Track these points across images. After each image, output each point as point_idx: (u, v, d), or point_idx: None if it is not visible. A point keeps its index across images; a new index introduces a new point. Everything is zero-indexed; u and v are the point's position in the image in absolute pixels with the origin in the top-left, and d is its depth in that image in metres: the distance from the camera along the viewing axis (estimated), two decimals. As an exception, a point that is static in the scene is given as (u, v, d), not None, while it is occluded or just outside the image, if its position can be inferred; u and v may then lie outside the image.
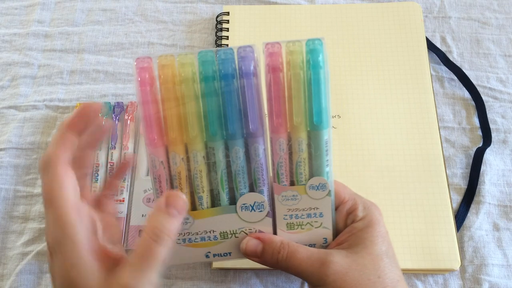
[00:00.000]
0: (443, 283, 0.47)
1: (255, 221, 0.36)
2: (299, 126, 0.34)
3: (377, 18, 0.59)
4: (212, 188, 0.36)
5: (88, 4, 0.62)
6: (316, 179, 0.35)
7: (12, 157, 0.53)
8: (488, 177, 0.52)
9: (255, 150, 0.34)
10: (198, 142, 0.34)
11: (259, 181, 0.35)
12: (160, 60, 0.33)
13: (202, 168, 0.35)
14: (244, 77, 0.33)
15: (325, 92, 0.34)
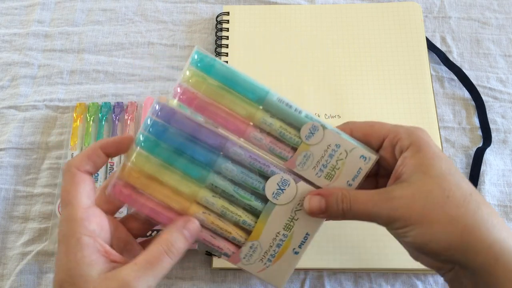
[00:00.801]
0: (443, 283, 0.47)
1: (293, 196, 0.37)
2: (251, 113, 0.36)
3: (377, 18, 0.59)
4: (243, 206, 0.37)
5: (88, 4, 0.62)
6: (303, 128, 0.36)
7: (12, 157, 0.53)
8: (488, 177, 0.52)
9: (235, 153, 0.36)
10: (199, 193, 0.36)
11: (263, 167, 0.36)
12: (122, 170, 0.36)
13: (222, 203, 0.36)
14: (170, 121, 0.35)
15: (236, 73, 0.36)
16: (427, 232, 0.32)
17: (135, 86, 0.57)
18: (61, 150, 0.53)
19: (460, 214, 0.32)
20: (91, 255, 0.32)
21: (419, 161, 0.34)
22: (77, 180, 0.34)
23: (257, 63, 0.56)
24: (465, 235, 0.31)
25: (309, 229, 0.37)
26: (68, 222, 0.33)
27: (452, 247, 0.31)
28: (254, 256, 0.37)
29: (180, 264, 0.48)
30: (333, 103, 0.54)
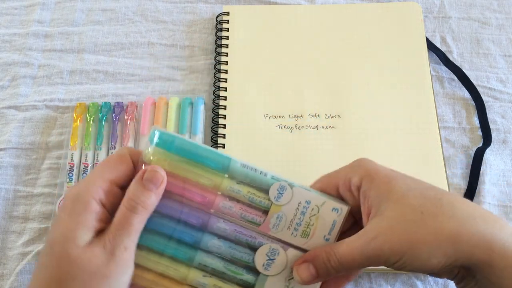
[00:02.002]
0: (443, 283, 0.47)
1: (284, 262, 0.36)
2: (216, 183, 0.35)
3: (377, 18, 0.59)
4: (235, 282, 0.36)
5: (88, 4, 0.62)
6: (271, 190, 0.36)
7: (12, 157, 0.53)
8: (488, 177, 0.52)
9: (219, 229, 0.36)
10: (190, 274, 0.35)
11: (250, 239, 0.36)
12: None
13: (214, 282, 0.36)
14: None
15: (197, 147, 0.35)
16: (420, 255, 0.31)
17: (135, 86, 0.57)
18: (61, 150, 0.53)
19: (439, 223, 0.31)
20: (93, 220, 0.32)
21: (378, 190, 0.34)
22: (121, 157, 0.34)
23: (257, 63, 0.56)
24: (453, 239, 0.31)
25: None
26: (87, 184, 0.33)
27: (448, 255, 0.31)
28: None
29: (180, 264, 0.48)
30: (333, 103, 0.54)
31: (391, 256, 0.32)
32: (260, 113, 0.53)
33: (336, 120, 0.53)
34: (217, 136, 0.52)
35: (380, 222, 0.33)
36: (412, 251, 0.31)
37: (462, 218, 0.32)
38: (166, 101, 0.54)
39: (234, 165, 0.36)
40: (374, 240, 0.32)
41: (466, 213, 0.32)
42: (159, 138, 0.35)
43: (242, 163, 0.36)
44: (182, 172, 0.35)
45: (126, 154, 0.34)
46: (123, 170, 0.34)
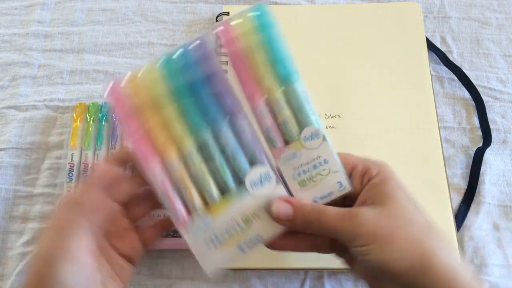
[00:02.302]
0: (443, 283, 0.47)
1: (269, 193, 0.36)
2: (271, 87, 0.35)
3: (377, 18, 0.59)
4: (217, 177, 0.36)
5: (88, 4, 0.62)
6: (306, 129, 0.36)
7: (12, 157, 0.53)
8: (488, 177, 0.52)
9: (240, 126, 0.35)
10: (187, 140, 0.35)
11: (256, 152, 0.36)
12: (128, 78, 0.35)
13: (200, 162, 0.35)
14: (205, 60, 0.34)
15: (284, 47, 0.35)
16: (390, 250, 0.32)
17: (135, 86, 0.57)
18: (61, 150, 0.53)
19: (422, 237, 0.33)
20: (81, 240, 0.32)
21: (386, 189, 0.35)
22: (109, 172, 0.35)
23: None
24: (425, 258, 0.32)
25: (264, 233, 0.36)
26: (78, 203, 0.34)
27: (412, 268, 0.32)
28: (201, 232, 0.35)
29: (180, 264, 0.48)
30: (333, 103, 0.54)
31: (363, 236, 0.33)
32: (260, 113, 0.53)
33: (336, 120, 0.53)
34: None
35: (372, 209, 0.34)
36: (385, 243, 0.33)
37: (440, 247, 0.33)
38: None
39: (296, 86, 0.36)
40: (358, 217, 0.34)
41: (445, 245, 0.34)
42: (261, 15, 0.34)
43: (304, 90, 0.36)
44: (253, 54, 0.35)
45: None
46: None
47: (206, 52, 0.34)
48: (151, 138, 0.35)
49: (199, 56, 0.34)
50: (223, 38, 0.35)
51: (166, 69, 0.34)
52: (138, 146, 0.35)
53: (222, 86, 0.35)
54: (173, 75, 0.34)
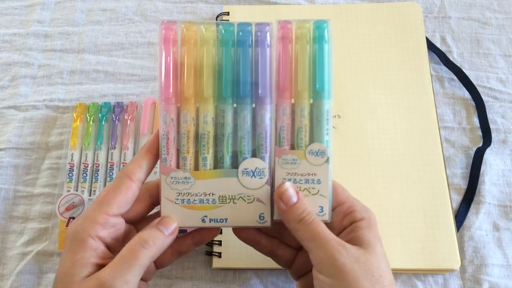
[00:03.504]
0: (443, 283, 0.47)
1: (255, 188, 0.37)
2: (302, 94, 0.37)
3: (377, 18, 0.59)
4: (217, 150, 0.37)
5: (88, 4, 0.62)
6: (316, 144, 0.37)
7: (12, 157, 0.53)
8: (488, 177, 0.52)
9: (262, 116, 0.37)
10: (210, 103, 0.37)
11: (262, 147, 0.37)
12: (184, 25, 0.37)
13: (211, 129, 0.37)
14: (259, 46, 0.36)
15: (328, 65, 0.37)
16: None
17: (135, 86, 0.57)
18: (61, 150, 0.53)
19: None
20: (90, 258, 0.33)
21: (369, 236, 0.36)
22: (120, 185, 0.35)
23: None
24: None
25: (231, 219, 0.37)
26: (85, 221, 0.34)
27: None
28: (180, 185, 0.37)
29: (180, 264, 0.48)
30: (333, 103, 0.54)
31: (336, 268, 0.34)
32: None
33: (336, 120, 0.53)
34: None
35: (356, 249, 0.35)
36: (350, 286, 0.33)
37: None
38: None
39: (323, 103, 0.37)
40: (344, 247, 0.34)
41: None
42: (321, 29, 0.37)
43: (329, 109, 0.37)
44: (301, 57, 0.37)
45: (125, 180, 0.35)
46: (123, 200, 0.35)
47: (265, 39, 0.36)
48: (181, 85, 0.37)
49: (257, 39, 0.36)
50: (281, 32, 0.37)
51: (224, 34, 0.36)
52: (166, 84, 0.36)
53: (265, 75, 0.36)
54: (227, 43, 0.36)
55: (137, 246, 0.33)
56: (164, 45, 0.36)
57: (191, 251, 0.48)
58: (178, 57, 0.37)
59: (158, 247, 0.34)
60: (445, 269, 0.46)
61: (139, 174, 0.36)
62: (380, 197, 0.49)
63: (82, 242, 0.33)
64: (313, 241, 0.35)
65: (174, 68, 0.37)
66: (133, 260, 0.33)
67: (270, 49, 0.37)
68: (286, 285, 0.47)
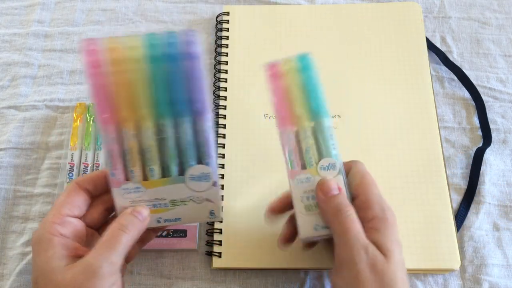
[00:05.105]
0: (443, 283, 0.47)
1: (202, 190, 0.39)
2: (301, 117, 0.39)
3: (377, 18, 0.59)
4: (163, 161, 0.39)
5: (88, 4, 0.62)
6: (325, 160, 0.39)
7: (12, 157, 0.53)
8: (488, 177, 0.52)
9: (201, 126, 0.38)
10: (148, 119, 0.38)
11: (205, 154, 0.39)
12: (108, 43, 0.36)
13: (153, 144, 0.38)
14: (190, 59, 0.37)
15: (319, 88, 0.40)
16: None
17: (135, 86, 0.57)
18: (61, 150, 0.53)
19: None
20: (61, 251, 0.35)
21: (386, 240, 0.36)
22: (69, 191, 0.38)
23: (257, 63, 0.56)
24: None
25: (184, 218, 0.39)
26: (44, 224, 0.37)
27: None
28: (132, 195, 0.38)
29: (180, 264, 0.48)
30: (333, 103, 0.54)
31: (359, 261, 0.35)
32: (260, 113, 0.53)
33: (336, 120, 0.53)
34: (217, 136, 0.52)
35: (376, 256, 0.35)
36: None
37: None
38: None
39: (324, 122, 0.39)
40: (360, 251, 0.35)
41: None
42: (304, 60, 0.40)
43: (330, 126, 0.40)
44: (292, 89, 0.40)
45: (73, 187, 0.38)
46: (76, 202, 0.38)
47: (193, 51, 0.37)
48: (117, 105, 0.37)
49: (186, 52, 0.37)
50: (270, 71, 0.40)
51: (150, 50, 0.37)
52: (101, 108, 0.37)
53: (199, 88, 0.37)
54: (155, 59, 0.37)
55: (117, 231, 0.36)
56: (91, 70, 0.36)
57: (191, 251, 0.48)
58: (109, 79, 0.37)
59: (136, 231, 0.37)
60: (445, 269, 0.46)
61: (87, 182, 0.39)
62: (380, 197, 0.49)
63: (48, 241, 0.35)
64: (341, 236, 0.36)
65: (107, 89, 0.37)
66: (116, 243, 0.35)
67: (199, 61, 0.37)
68: (286, 285, 0.47)
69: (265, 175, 0.50)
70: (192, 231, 0.48)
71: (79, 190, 0.39)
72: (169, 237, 0.47)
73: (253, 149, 0.51)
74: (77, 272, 0.34)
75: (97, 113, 0.37)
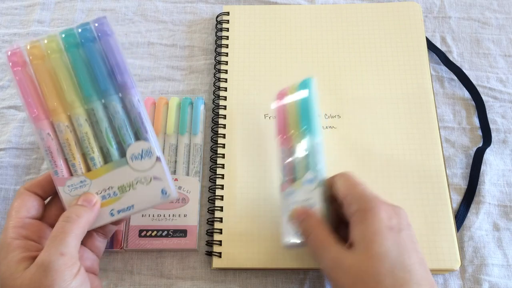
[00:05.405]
0: (443, 283, 0.47)
1: (147, 168, 0.39)
2: (295, 135, 0.43)
3: (377, 18, 0.59)
4: (101, 146, 0.39)
5: (88, 4, 0.62)
6: (308, 174, 0.41)
7: (12, 157, 0.53)
8: (488, 177, 0.52)
9: (130, 101, 0.39)
10: (77, 106, 0.38)
11: (141, 129, 0.39)
12: (28, 44, 0.38)
13: (87, 130, 0.38)
14: (102, 38, 0.38)
15: (313, 110, 0.43)
16: None
17: (135, 86, 0.57)
18: (61, 150, 0.53)
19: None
20: (21, 254, 0.35)
21: (363, 233, 0.35)
22: (21, 196, 0.38)
23: (257, 63, 0.56)
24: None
25: (137, 204, 0.39)
26: (5, 231, 0.37)
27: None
28: (78, 190, 0.38)
29: (180, 264, 0.48)
30: (333, 103, 0.54)
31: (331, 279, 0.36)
32: (260, 113, 0.53)
33: (336, 120, 0.53)
34: (217, 136, 0.52)
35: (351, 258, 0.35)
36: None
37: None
38: (166, 101, 0.54)
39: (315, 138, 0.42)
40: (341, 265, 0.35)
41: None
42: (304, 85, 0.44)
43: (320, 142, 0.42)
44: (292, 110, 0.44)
45: (23, 192, 0.39)
46: (30, 205, 0.38)
47: (105, 30, 0.38)
48: (44, 99, 0.38)
49: (98, 32, 0.38)
50: (279, 94, 0.46)
51: (66, 40, 0.38)
52: (29, 105, 0.38)
53: (117, 63, 0.38)
54: (72, 46, 0.38)
55: (62, 223, 0.36)
56: (14, 69, 0.38)
57: (191, 251, 0.48)
58: (32, 75, 0.38)
59: (83, 219, 0.37)
60: (445, 269, 0.46)
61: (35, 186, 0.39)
62: (380, 197, 0.49)
63: (8, 245, 0.36)
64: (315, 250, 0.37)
65: (32, 86, 0.38)
66: (62, 234, 0.35)
67: (113, 38, 0.38)
68: (286, 285, 0.47)
69: (265, 175, 0.50)
70: (192, 231, 0.48)
71: (30, 194, 0.39)
72: (169, 237, 0.47)
73: (253, 149, 0.51)
74: (33, 273, 0.34)
75: (27, 112, 0.38)
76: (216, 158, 0.51)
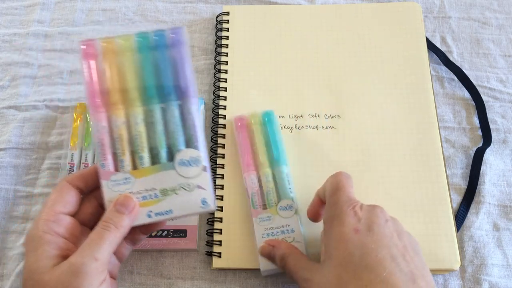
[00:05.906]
0: (443, 283, 0.47)
1: (193, 176, 0.39)
2: (263, 165, 0.47)
3: (377, 18, 0.59)
4: (152, 147, 0.39)
5: (88, 4, 0.62)
6: (284, 201, 0.45)
7: (12, 157, 0.53)
8: (488, 177, 0.52)
9: (188, 109, 0.40)
10: (137, 105, 0.39)
11: (194, 137, 0.40)
12: (103, 40, 0.40)
13: (142, 129, 0.39)
14: (175, 46, 0.40)
15: (280, 140, 0.48)
16: None
17: (135, 86, 0.57)
18: (61, 150, 0.53)
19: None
20: (51, 250, 0.35)
21: (328, 242, 0.37)
22: (60, 189, 0.38)
23: (257, 63, 0.56)
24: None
25: (176, 209, 0.39)
26: (37, 223, 0.36)
27: None
28: (121, 187, 0.38)
29: (180, 264, 0.48)
30: (333, 103, 0.54)
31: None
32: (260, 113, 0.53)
33: (336, 120, 0.53)
34: (217, 136, 0.52)
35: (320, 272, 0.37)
36: None
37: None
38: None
39: (282, 169, 0.47)
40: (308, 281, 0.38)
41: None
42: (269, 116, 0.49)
43: (288, 173, 0.47)
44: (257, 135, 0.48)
45: (64, 185, 0.38)
46: (68, 199, 0.38)
47: (179, 39, 0.40)
48: (107, 92, 0.39)
49: (171, 40, 0.40)
50: (239, 123, 0.49)
51: (140, 41, 0.39)
52: (92, 94, 0.39)
53: (184, 71, 0.40)
54: (144, 48, 0.39)
55: (100, 230, 0.36)
56: (85, 60, 0.39)
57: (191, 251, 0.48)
58: (101, 68, 0.39)
59: (120, 228, 0.37)
60: (445, 269, 0.46)
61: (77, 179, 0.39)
62: (380, 197, 0.49)
63: (40, 239, 0.35)
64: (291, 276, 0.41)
65: (99, 78, 0.39)
66: (99, 240, 0.35)
67: (184, 48, 0.40)
68: (286, 285, 0.47)
69: (265, 175, 0.50)
70: (192, 231, 0.48)
71: (70, 188, 0.38)
72: (169, 237, 0.47)
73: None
74: (62, 272, 0.34)
75: (89, 100, 0.39)
76: (216, 158, 0.51)
